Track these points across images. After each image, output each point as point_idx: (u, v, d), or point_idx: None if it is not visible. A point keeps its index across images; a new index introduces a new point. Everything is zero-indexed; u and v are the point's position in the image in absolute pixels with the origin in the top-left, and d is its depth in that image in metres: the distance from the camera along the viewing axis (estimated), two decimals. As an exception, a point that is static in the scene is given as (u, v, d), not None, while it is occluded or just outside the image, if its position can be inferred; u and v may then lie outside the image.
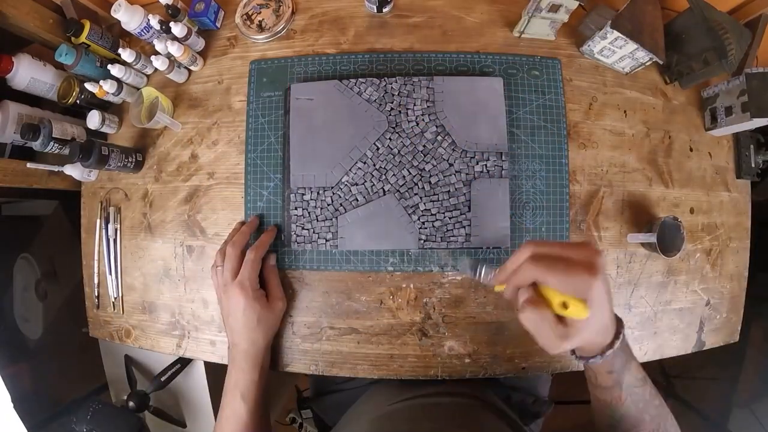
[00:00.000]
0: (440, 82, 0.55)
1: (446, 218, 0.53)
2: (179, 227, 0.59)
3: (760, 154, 0.62)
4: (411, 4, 0.59)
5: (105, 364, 0.81)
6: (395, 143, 0.54)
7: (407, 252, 0.55)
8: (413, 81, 0.55)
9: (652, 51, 0.52)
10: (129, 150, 0.59)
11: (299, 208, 0.54)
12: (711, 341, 0.61)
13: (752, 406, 0.98)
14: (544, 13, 0.53)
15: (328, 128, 0.55)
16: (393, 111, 0.55)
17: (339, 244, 0.54)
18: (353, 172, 0.54)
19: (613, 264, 0.57)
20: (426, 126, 0.54)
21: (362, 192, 0.54)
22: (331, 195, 0.54)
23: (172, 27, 0.55)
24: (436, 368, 0.55)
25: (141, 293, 0.61)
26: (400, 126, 0.54)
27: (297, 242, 0.54)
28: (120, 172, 0.61)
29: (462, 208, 0.53)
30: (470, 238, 0.53)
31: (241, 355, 0.51)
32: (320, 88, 0.56)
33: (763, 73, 0.54)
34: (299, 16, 0.60)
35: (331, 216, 0.54)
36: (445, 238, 0.53)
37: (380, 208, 0.54)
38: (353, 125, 0.55)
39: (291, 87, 0.56)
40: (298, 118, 0.55)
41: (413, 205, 0.53)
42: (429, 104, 0.55)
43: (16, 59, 0.56)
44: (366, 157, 0.54)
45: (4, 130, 0.56)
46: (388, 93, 0.55)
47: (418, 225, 0.53)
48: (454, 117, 0.54)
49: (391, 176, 0.54)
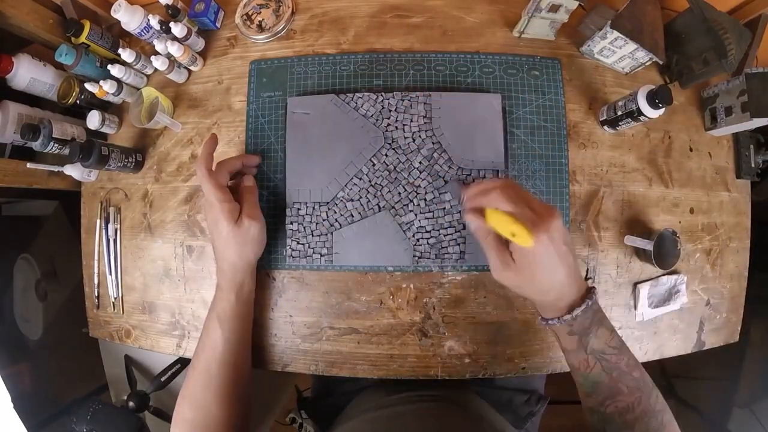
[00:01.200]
0: (438, 98, 0.55)
1: (441, 235, 0.53)
2: (179, 227, 0.59)
3: (760, 154, 0.62)
4: (411, 4, 0.59)
5: (105, 364, 0.81)
6: (391, 159, 0.54)
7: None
8: (410, 96, 0.55)
9: (652, 51, 0.52)
10: (129, 150, 0.59)
11: (294, 222, 0.54)
12: (711, 341, 0.61)
13: (752, 406, 0.98)
14: (544, 13, 0.53)
15: (324, 143, 0.55)
16: (390, 126, 0.54)
17: (334, 260, 0.54)
18: (349, 188, 0.54)
19: (613, 264, 0.57)
20: (422, 142, 0.54)
21: (357, 208, 0.54)
22: (326, 210, 0.54)
23: (172, 27, 0.55)
24: (435, 368, 0.55)
25: (141, 293, 0.61)
26: (396, 142, 0.54)
27: (292, 257, 0.54)
28: (120, 172, 0.61)
29: (457, 225, 0.53)
30: (464, 255, 0.53)
31: (219, 274, 0.50)
32: (317, 103, 0.56)
33: (763, 73, 0.54)
34: (299, 16, 0.60)
35: (326, 231, 0.54)
36: (439, 255, 0.53)
37: (375, 225, 0.54)
38: (349, 140, 0.54)
39: (288, 100, 0.56)
40: (294, 132, 0.55)
41: (408, 221, 0.53)
42: (426, 120, 0.54)
43: (16, 59, 0.56)
44: (362, 173, 0.54)
45: (4, 130, 0.56)
46: (385, 108, 0.55)
47: (413, 242, 0.53)
48: (451, 133, 0.54)
49: (387, 192, 0.54)
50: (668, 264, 0.54)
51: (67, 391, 0.91)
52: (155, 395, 0.74)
